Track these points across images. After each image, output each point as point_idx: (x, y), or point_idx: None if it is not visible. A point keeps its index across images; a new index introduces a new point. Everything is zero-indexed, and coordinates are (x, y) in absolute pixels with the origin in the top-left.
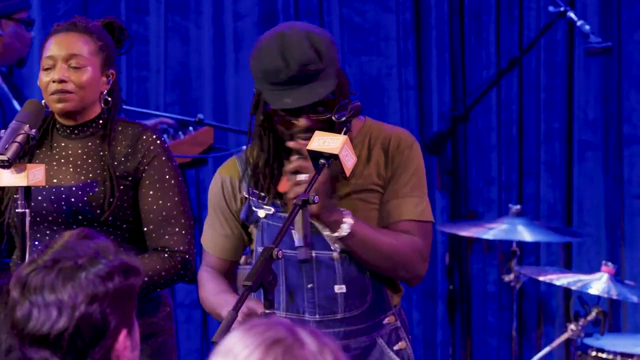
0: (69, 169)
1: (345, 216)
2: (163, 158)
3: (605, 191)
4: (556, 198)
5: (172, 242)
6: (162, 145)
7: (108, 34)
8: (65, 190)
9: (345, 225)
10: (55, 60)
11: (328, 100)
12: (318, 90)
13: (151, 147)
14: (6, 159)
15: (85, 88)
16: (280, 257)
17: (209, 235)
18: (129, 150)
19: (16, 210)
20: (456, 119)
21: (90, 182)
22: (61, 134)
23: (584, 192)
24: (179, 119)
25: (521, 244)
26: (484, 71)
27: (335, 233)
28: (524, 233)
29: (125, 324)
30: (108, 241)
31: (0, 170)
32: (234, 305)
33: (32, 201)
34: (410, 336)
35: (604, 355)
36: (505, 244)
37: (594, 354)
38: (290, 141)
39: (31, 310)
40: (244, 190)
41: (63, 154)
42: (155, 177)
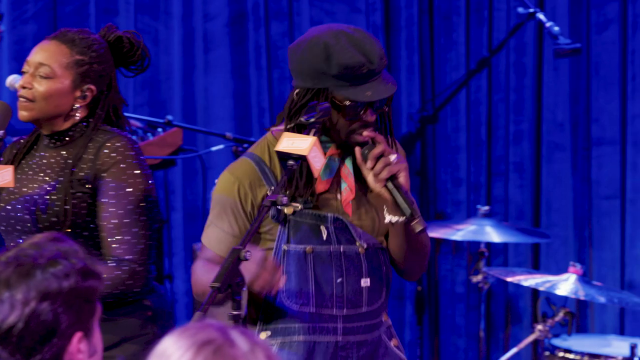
0: (39, 178)
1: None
2: (122, 165)
3: (574, 192)
4: (524, 199)
5: (121, 251)
6: (126, 152)
7: (104, 49)
8: (30, 199)
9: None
10: (30, 65)
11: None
12: (390, 84)
13: (112, 154)
14: None
15: (46, 99)
16: (248, 259)
17: (215, 234)
18: (91, 157)
19: None
20: (425, 119)
21: (49, 191)
22: (44, 143)
23: (553, 193)
24: (148, 120)
25: (489, 245)
26: (453, 72)
27: (397, 217)
28: (492, 234)
29: (81, 326)
30: (76, 246)
31: None
32: (200, 307)
33: (3, 211)
34: None
35: (571, 356)
36: (473, 245)
37: (561, 354)
38: (355, 135)
39: None
40: (266, 189)
41: (40, 162)
42: (111, 185)
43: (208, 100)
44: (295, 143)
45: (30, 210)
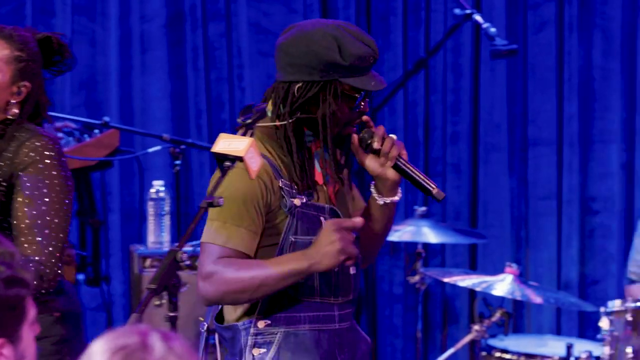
0: None
1: None
2: (40, 166)
3: (510, 193)
4: (462, 200)
5: (30, 252)
6: (45, 152)
7: (37, 47)
8: None
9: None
10: None
11: None
12: (382, 76)
13: (31, 154)
14: None
15: None
16: (185, 260)
17: (234, 232)
18: (10, 155)
19: None
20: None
21: None
22: None
23: (489, 194)
24: (85, 121)
25: (427, 246)
26: (390, 73)
27: (396, 197)
28: (430, 235)
29: (4, 333)
30: (10, 249)
31: None
32: (137, 308)
33: None
34: None
35: (508, 356)
36: (410, 246)
37: (498, 354)
38: (349, 127)
39: None
40: (278, 182)
41: None
42: (27, 185)
43: (145, 101)
44: (232, 144)
45: None
